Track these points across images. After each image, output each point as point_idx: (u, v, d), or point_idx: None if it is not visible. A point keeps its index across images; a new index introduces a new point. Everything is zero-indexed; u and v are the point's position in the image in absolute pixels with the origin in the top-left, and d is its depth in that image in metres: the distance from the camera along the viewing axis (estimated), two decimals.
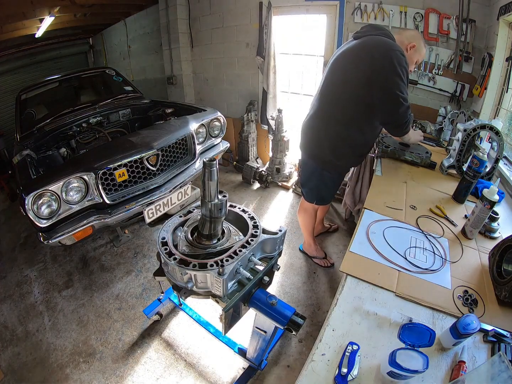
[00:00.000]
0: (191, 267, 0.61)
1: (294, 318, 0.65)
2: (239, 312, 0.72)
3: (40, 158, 2.06)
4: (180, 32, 3.65)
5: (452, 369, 0.66)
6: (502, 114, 1.86)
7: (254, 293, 0.71)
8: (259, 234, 0.69)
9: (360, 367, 0.65)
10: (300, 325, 0.64)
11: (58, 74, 3.00)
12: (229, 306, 0.64)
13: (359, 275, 0.86)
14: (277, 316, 0.66)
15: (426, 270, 0.91)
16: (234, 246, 0.65)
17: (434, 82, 2.35)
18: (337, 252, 2.26)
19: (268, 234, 0.69)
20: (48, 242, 1.58)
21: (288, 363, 1.53)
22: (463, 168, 1.47)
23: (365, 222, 1.09)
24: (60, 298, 1.99)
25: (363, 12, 2.48)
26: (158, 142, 1.93)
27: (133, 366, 1.55)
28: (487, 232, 1.11)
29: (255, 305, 0.70)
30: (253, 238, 0.67)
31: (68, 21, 4.09)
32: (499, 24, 1.76)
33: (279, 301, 0.69)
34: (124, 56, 5.07)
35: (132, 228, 2.61)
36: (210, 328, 1.59)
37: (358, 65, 1.32)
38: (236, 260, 0.62)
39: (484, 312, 0.79)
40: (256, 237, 0.68)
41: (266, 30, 2.97)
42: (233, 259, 0.62)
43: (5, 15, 3.03)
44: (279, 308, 0.67)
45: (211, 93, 3.90)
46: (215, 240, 0.71)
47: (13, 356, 1.65)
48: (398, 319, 0.75)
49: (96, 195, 1.73)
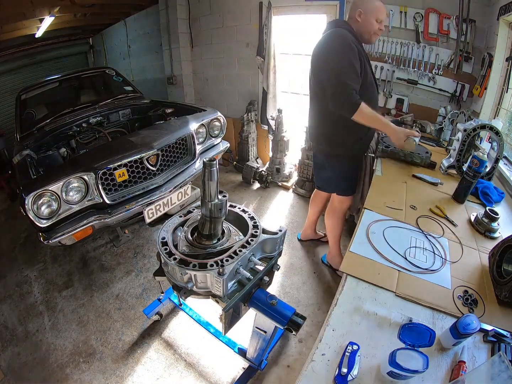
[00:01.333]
0: (191, 267, 0.61)
1: (294, 318, 0.65)
2: (239, 312, 0.72)
3: (40, 158, 2.06)
4: (180, 32, 3.65)
5: (452, 369, 0.66)
6: (502, 114, 1.86)
7: (254, 293, 0.70)
8: (259, 234, 0.69)
9: (360, 367, 0.65)
10: (300, 325, 0.64)
11: (58, 74, 3.00)
12: (229, 306, 0.64)
13: (359, 275, 0.86)
14: (277, 316, 0.66)
15: (426, 270, 0.91)
16: (234, 246, 0.65)
17: (434, 82, 2.35)
18: None
19: (268, 234, 0.69)
20: (48, 242, 1.58)
21: (288, 363, 1.53)
22: (463, 168, 1.47)
23: (365, 222, 1.09)
24: (60, 298, 1.99)
25: None
26: (158, 142, 1.93)
27: (133, 366, 1.55)
28: (487, 232, 1.11)
29: (255, 305, 0.70)
30: (253, 238, 0.67)
31: (68, 21, 4.09)
32: (499, 24, 1.76)
33: (279, 301, 0.69)
34: (124, 56, 5.06)
35: (132, 228, 2.61)
36: (210, 328, 1.59)
37: (315, 60, 1.51)
38: (236, 260, 0.62)
39: (484, 312, 0.79)
40: (256, 237, 0.68)
41: (266, 30, 2.97)
42: (233, 259, 0.62)
43: (5, 15, 3.03)
44: (279, 308, 0.67)
45: (211, 93, 3.90)
46: (215, 240, 0.71)
47: (13, 356, 1.65)
48: (398, 319, 0.75)
49: (96, 195, 1.73)
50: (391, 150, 1.67)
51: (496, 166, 1.45)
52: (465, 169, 1.31)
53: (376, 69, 2.60)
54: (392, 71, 2.51)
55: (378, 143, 1.80)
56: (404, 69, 2.45)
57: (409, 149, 1.43)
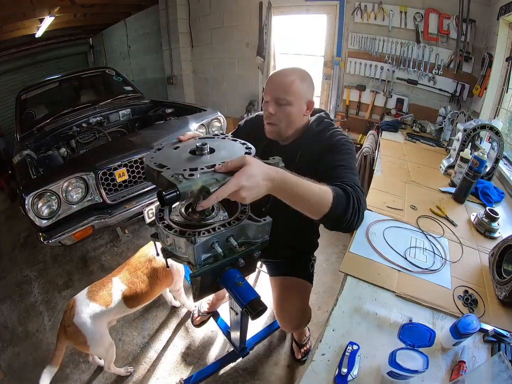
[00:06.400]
0: (173, 232, 0.67)
1: (253, 302, 0.67)
2: (211, 284, 0.76)
3: (40, 158, 2.06)
4: (180, 32, 3.65)
5: (452, 369, 0.66)
6: (502, 114, 1.86)
7: (226, 270, 0.74)
8: (244, 218, 0.72)
9: (360, 367, 0.65)
10: (257, 310, 0.66)
11: (58, 74, 3.01)
12: (197, 273, 0.68)
13: (359, 275, 0.86)
14: (238, 296, 0.69)
15: (426, 270, 0.91)
16: (216, 223, 0.69)
17: (434, 82, 2.35)
18: (337, 252, 2.25)
19: (252, 221, 0.73)
20: (48, 242, 1.58)
21: (288, 363, 1.53)
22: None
23: (365, 222, 1.09)
24: (60, 298, 1.99)
25: (363, 12, 2.49)
26: (158, 142, 1.93)
27: (133, 366, 1.54)
28: (487, 232, 1.11)
29: (224, 282, 0.74)
30: (235, 221, 0.71)
31: (68, 21, 4.09)
32: (499, 24, 1.76)
33: (246, 283, 0.71)
34: (124, 56, 5.07)
35: (132, 228, 2.61)
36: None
37: None
38: (211, 235, 0.66)
39: (484, 312, 0.79)
40: (239, 220, 0.71)
41: (266, 30, 2.97)
42: (209, 233, 0.66)
43: (5, 15, 3.03)
44: (243, 289, 0.70)
45: (211, 93, 3.91)
46: (203, 216, 0.75)
47: (13, 356, 1.65)
48: (398, 319, 0.75)
49: (96, 195, 1.73)
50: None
51: (496, 166, 1.45)
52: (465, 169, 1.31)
53: (376, 69, 2.60)
54: (392, 71, 2.52)
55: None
56: (404, 69, 2.46)
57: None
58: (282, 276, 1.21)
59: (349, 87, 2.81)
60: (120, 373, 1.46)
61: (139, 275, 1.36)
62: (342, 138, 0.96)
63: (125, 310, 1.35)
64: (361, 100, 2.80)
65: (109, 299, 1.26)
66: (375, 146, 2.14)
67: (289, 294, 1.17)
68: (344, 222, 0.74)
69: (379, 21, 2.45)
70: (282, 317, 1.19)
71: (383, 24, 2.44)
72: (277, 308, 1.19)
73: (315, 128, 1.00)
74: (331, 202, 0.70)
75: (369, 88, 2.71)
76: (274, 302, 1.22)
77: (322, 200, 0.70)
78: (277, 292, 1.20)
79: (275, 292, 1.22)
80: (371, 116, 2.81)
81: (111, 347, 1.32)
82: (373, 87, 2.70)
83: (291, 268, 1.21)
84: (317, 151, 0.96)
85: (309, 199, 0.69)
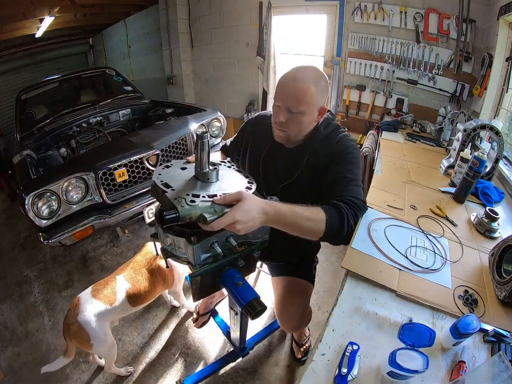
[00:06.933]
0: (172, 232, 0.69)
1: (252, 302, 0.67)
2: (210, 284, 0.76)
3: (40, 158, 2.06)
4: (180, 32, 3.65)
5: (452, 369, 0.65)
6: (502, 114, 1.86)
7: (226, 270, 0.75)
8: None
9: (360, 367, 0.65)
10: (256, 310, 0.66)
11: (58, 74, 3.01)
12: (197, 273, 0.69)
13: (360, 272, 0.86)
14: (238, 296, 0.70)
15: (427, 269, 0.91)
16: None
17: (434, 82, 2.35)
18: (337, 252, 2.25)
19: None
20: (48, 242, 1.59)
21: (288, 363, 1.53)
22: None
23: (366, 219, 1.09)
24: (60, 298, 1.99)
25: (363, 12, 2.49)
26: (158, 142, 1.94)
27: (133, 366, 1.54)
28: (487, 232, 1.10)
29: (224, 282, 0.74)
30: None
31: (68, 21, 4.09)
32: (499, 24, 1.76)
33: (246, 283, 0.72)
34: (124, 56, 5.07)
35: (132, 228, 2.61)
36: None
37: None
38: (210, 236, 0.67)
39: (484, 312, 0.79)
40: None
41: (266, 30, 2.97)
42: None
43: (5, 15, 3.03)
44: (243, 289, 0.71)
45: (211, 93, 3.91)
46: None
47: (13, 356, 1.65)
48: (398, 319, 0.75)
49: (96, 195, 1.73)
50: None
51: (496, 166, 1.45)
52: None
53: (376, 69, 2.60)
54: (392, 71, 2.52)
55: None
56: (404, 69, 2.45)
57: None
58: (285, 277, 1.21)
59: (349, 87, 2.81)
60: (120, 373, 1.46)
61: (144, 273, 1.37)
62: (349, 146, 0.96)
63: (128, 309, 1.35)
64: (361, 100, 2.80)
65: (113, 298, 1.26)
66: (375, 146, 2.15)
67: (292, 295, 1.16)
68: (340, 240, 0.82)
69: (379, 21, 2.45)
70: (283, 318, 1.19)
71: (383, 24, 2.44)
72: (279, 308, 1.19)
73: (323, 131, 0.99)
74: (325, 225, 0.76)
75: (369, 88, 2.71)
76: (276, 302, 1.21)
77: (316, 225, 0.75)
78: (280, 293, 1.19)
79: (277, 293, 1.22)
80: (371, 116, 2.81)
81: (113, 346, 1.32)
82: (373, 87, 2.70)
83: (294, 269, 1.21)
84: (324, 157, 0.95)
85: (302, 227, 0.73)
